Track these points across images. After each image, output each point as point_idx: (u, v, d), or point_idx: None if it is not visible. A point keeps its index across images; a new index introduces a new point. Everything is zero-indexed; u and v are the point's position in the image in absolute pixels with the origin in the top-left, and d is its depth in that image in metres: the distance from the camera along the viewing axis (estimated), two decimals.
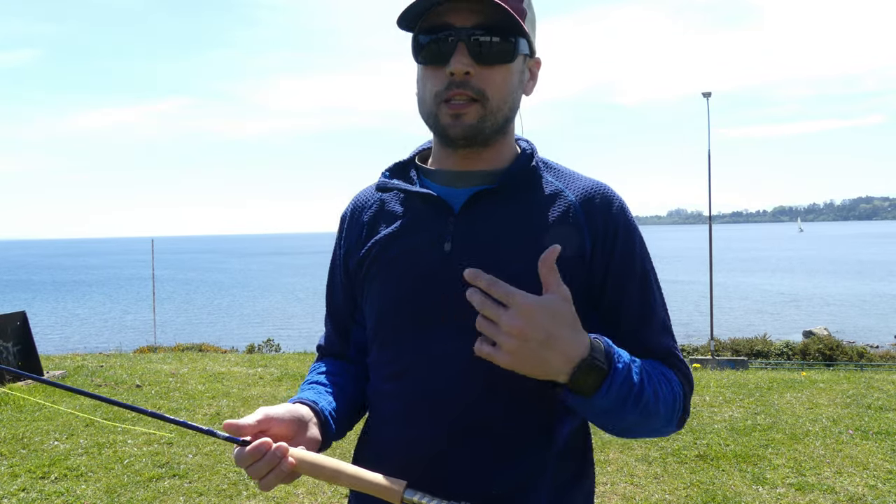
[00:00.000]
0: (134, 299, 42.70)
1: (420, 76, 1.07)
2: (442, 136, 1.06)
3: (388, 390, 1.08)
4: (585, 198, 1.08)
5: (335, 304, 1.22)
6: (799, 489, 4.09)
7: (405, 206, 1.12)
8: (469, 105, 1.01)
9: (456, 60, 0.99)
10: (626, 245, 1.08)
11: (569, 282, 0.99)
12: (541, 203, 1.07)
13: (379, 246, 1.10)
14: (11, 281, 63.23)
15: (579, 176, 1.13)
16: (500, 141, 1.09)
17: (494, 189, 1.06)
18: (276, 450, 0.91)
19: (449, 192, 1.09)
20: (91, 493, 4.06)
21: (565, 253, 1.00)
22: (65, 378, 7.36)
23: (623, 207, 1.10)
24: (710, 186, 15.86)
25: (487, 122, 1.03)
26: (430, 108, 1.05)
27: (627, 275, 1.07)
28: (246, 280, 59.56)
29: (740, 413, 5.85)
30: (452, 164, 1.10)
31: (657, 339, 1.08)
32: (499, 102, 1.03)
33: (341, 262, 1.19)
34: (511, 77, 1.04)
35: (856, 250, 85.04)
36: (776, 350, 14.57)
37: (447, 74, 1.00)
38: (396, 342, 1.07)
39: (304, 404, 1.04)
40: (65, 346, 20.03)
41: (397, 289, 1.07)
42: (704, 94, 15.82)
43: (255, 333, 22.99)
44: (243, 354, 11.84)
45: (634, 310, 1.07)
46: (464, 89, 1.00)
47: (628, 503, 3.95)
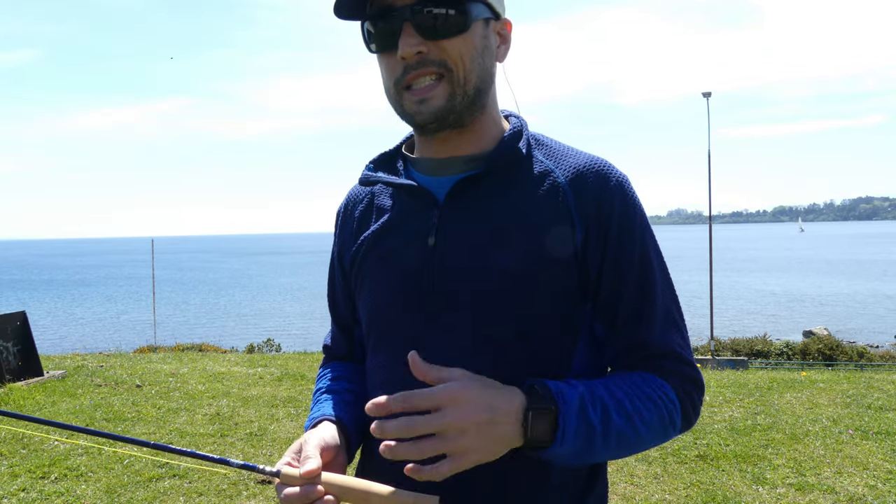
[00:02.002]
0: (133, 299, 42.71)
1: (379, 66, 1.00)
2: (412, 125, 1.00)
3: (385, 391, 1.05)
4: (576, 177, 0.98)
5: (336, 303, 1.18)
6: (799, 489, 4.09)
7: (393, 198, 1.07)
8: (434, 87, 0.94)
9: (403, 43, 0.92)
10: (623, 229, 0.97)
11: (557, 274, 0.95)
12: (527, 186, 0.99)
13: (368, 242, 1.06)
14: (11, 281, 63.24)
15: (573, 152, 1.03)
16: (480, 119, 1.01)
17: (480, 174, 0.98)
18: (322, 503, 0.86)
19: (433, 182, 1.02)
20: (91, 493, 4.06)
21: (553, 243, 0.96)
22: (65, 378, 7.36)
23: (622, 184, 0.99)
24: (710, 186, 15.88)
25: (457, 98, 0.95)
26: (393, 98, 0.98)
27: (625, 260, 0.97)
28: (246, 280, 59.57)
29: (740, 413, 5.85)
30: (434, 151, 1.03)
31: (658, 335, 0.99)
32: (465, 73, 0.94)
33: (338, 260, 1.15)
34: (471, 43, 0.95)
35: (855, 250, 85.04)
36: (776, 350, 14.57)
37: (399, 59, 0.94)
38: (385, 344, 1.03)
39: (331, 421, 1.01)
40: (65, 346, 20.03)
41: (384, 287, 1.03)
42: (704, 94, 15.83)
43: (255, 333, 22.99)
44: (243, 354, 11.83)
45: (633, 301, 0.98)
46: (422, 68, 0.93)
47: (628, 503, 3.95)
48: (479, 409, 0.82)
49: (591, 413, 0.88)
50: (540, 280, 0.95)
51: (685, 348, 1.01)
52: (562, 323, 0.98)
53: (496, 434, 0.83)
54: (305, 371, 8.12)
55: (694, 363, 1.02)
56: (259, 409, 6.10)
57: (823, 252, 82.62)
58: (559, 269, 0.95)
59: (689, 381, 1.00)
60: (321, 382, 1.16)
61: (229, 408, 6.13)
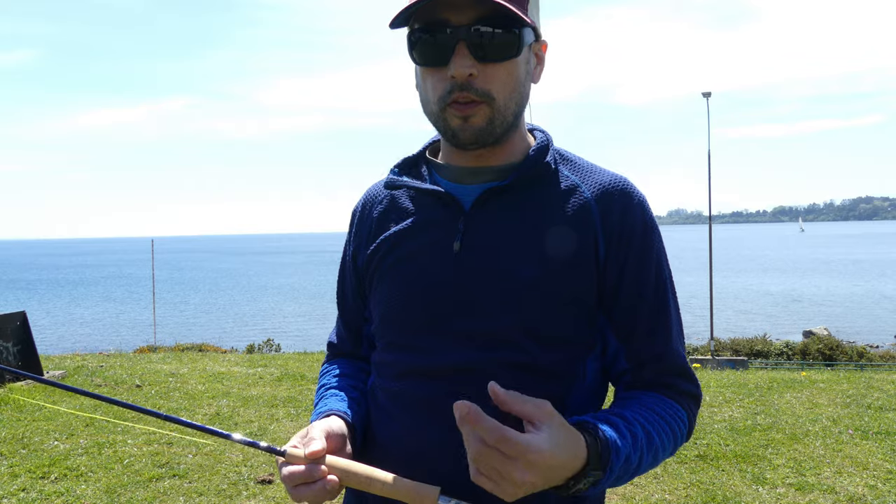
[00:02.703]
0: (133, 299, 42.69)
1: (420, 77, 1.01)
2: (451, 140, 1.01)
3: (394, 391, 1.05)
4: (602, 194, 1.02)
5: (346, 302, 1.19)
6: (799, 489, 4.09)
7: (416, 202, 1.07)
8: (476, 106, 0.95)
9: (457, 63, 0.92)
10: (643, 246, 1.01)
11: (578, 285, 0.97)
12: (554, 200, 1.01)
13: (388, 244, 1.07)
14: (11, 281, 63.22)
15: (598, 169, 1.06)
16: (512, 135, 1.04)
17: (506, 185, 1.01)
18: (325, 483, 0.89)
19: (460, 189, 1.04)
20: (91, 493, 4.06)
21: (577, 255, 0.98)
22: (65, 378, 7.35)
23: (643, 205, 1.03)
24: (710, 186, 15.87)
25: (497, 123, 0.97)
26: (435, 112, 0.99)
27: (643, 279, 1.01)
28: (246, 280, 59.55)
29: (740, 413, 5.85)
30: (464, 161, 1.05)
31: (671, 352, 1.03)
32: (506, 101, 0.97)
33: (351, 260, 1.15)
34: (517, 71, 0.97)
35: (855, 250, 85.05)
36: (776, 350, 14.56)
37: (449, 77, 0.94)
38: (402, 344, 1.04)
39: (339, 416, 1.02)
40: (65, 346, 20.03)
41: (404, 289, 1.04)
42: (704, 94, 15.82)
43: (255, 333, 22.99)
44: (243, 354, 11.83)
45: (649, 318, 1.02)
46: (468, 92, 0.94)
47: (628, 503, 3.95)
48: (544, 478, 0.81)
49: (632, 460, 0.91)
50: (561, 291, 0.98)
51: (687, 362, 1.07)
52: (578, 334, 1.00)
53: (542, 488, 0.83)
54: (305, 371, 8.12)
55: (696, 377, 1.06)
56: (259, 409, 6.10)
57: (823, 252, 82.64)
58: (580, 279, 0.97)
59: (694, 400, 1.05)
60: (326, 378, 1.16)
61: (229, 408, 6.13)
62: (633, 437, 0.92)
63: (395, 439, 1.04)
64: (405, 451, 1.01)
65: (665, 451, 0.98)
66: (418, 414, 1.02)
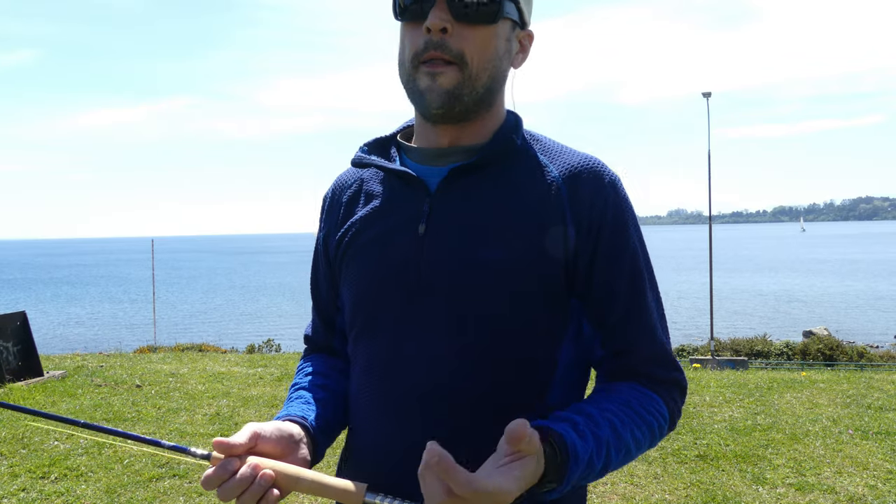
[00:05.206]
0: (133, 299, 42.70)
1: (400, 37, 1.01)
2: (419, 103, 0.99)
3: (363, 385, 1.03)
4: (571, 174, 0.99)
5: (319, 292, 1.16)
6: (799, 489, 4.09)
7: (384, 185, 1.06)
8: (447, 65, 0.95)
9: (433, 15, 0.93)
10: (615, 228, 0.98)
11: (546, 269, 0.96)
12: (522, 180, 0.99)
13: (354, 228, 1.05)
14: (11, 280, 63.25)
15: (568, 150, 1.04)
16: (484, 115, 1.02)
17: (473, 165, 0.99)
18: (261, 478, 0.83)
19: (427, 171, 1.02)
20: (91, 493, 4.06)
21: (544, 237, 0.96)
22: (65, 378, 7.36)
23: (615, 184, 1.00)
24: (710, 186, 15.86)
25: (465, 89, 0.96)
26: (408, 71, 0.98)
27: (616, 262, 0.98)
28: (246, 280, 59.55)
29: (740, 413, 5.85)
30: (433, 142, 1.03)
31: (649, 340, 1.00)
32: (478, 68, 0.96)
33: (322, 246, 1.13)
34: (493, 41, 0.97)
35: (855, 250, 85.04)
36: (776, 350, 14.56)
37: (424, 31, 0.95)
38: (369, 333, 1.02)
39: (294, 421, 0.97)
40: (65, 346, 20.03)
41: (369, 274, 1.02)
42: (704, 94, 15.81)
43: (255, 333, 22.99)
44: (243, 354, 11.83)
45: (625, 300, 0.99)
46: (441, 51, 0.94)
47: (628, 503, 3.95)
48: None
49: (595, 462, 0.88)
50: (527, 273, 0.95)
51: (670, 348, 1.03)
52: (547, 318, 0.98)
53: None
54: None
55: (679, 365, 1.03)
56: (259, 409, 6.10)
57: (823, 252, 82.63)
58: (548, 263, 0.96)
59: (676, 388, 1.02)
60: (297, 378, 1.14)
61: (229, 408, 6.13)
62: (597, 439, 0.89)
63: (370, 439, 1.02)
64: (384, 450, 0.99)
65: (640, 448, 0.95)
66: (389, 410, 0.99)
